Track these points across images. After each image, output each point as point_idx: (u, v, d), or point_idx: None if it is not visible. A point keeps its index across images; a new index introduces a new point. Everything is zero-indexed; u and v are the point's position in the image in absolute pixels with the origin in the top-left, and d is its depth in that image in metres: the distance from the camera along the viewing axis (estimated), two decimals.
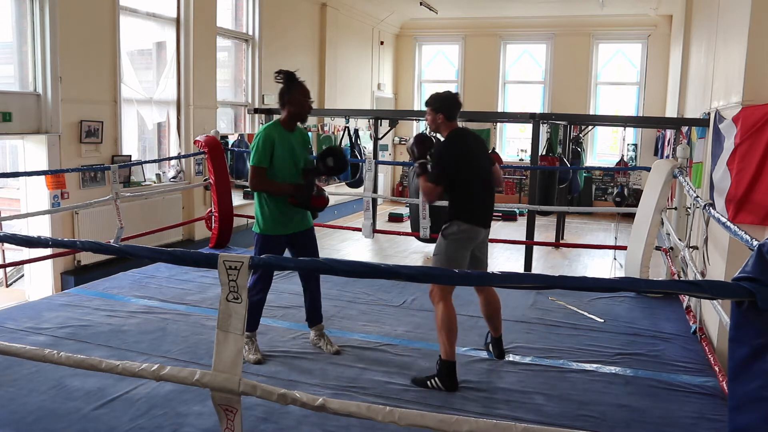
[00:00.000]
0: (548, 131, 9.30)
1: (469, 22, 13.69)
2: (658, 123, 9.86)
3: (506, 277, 1.97)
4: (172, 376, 2.22)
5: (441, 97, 3.72)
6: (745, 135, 3.86)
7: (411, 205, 7.74)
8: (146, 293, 5.07)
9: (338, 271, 2.07)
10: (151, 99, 7.43)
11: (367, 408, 2.01)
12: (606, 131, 13.54)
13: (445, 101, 3.69)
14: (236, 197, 7.97)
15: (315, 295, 4.02)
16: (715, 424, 3.06)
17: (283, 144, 3.77)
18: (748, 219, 3.83)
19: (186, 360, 3.69)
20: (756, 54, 3.85)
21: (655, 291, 1.96)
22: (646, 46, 12.88)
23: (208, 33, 8.03)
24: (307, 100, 3.85)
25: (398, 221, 11.04)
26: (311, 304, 4.02)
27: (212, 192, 6.73)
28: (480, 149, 3.76)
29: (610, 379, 3.61)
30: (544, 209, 8.13)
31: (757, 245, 1.81)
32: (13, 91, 5.87)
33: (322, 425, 2.96)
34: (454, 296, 5.08)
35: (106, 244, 2.59)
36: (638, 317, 4.73)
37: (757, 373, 1.78)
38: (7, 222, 6.32)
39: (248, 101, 9.53)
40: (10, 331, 4.11)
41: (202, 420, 2.99)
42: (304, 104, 3.82)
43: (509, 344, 4.11)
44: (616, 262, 7.38)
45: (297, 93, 3.81)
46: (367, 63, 12.95)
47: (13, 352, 2.55)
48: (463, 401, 3.29)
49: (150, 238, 6.71)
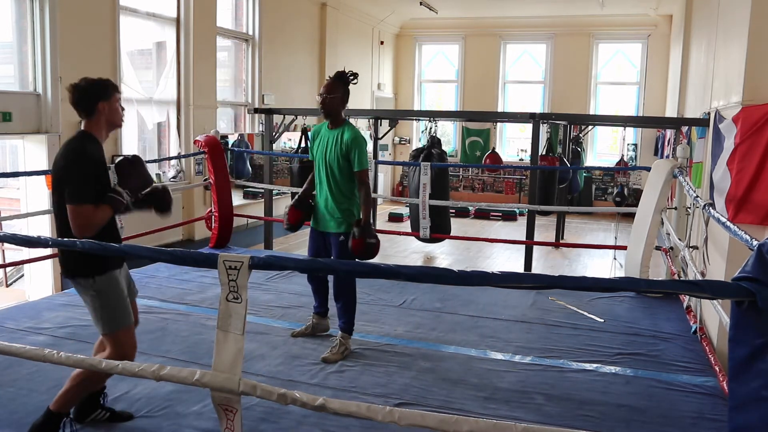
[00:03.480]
0: (548, 131, 9.29)
1: (469, 22, 13.69)
2: (658, 123, 9.86)
3: (506, 277, 1.97)
4: (172, 376, 2.22)
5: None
6: (745, 135, 3.86)
7: (411, 205, 7.73)
8: (146, 293, 5.07)
9: (338, 271, 2.07)
10: (151, 99, 7.43)
11: (367, 408, 2.01)
12: (606, 131, 13.55)
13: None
14: (236, 197, 7.98)
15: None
16: (715, 424, 3.06)
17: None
18: (748, 219, 3.83)
19: (186, 360, 3.69)
20: (756, 54, 3.85)
21: (655, 291, 1.96)
22: (646, 46, 12.88)
23: (208, 33, 8.04)
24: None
25: (398, 221, 11.05)
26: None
27: (212, 192, 6.73)
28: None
29: (610, 379, 3.61)
30: (544, 209, 8.12)
31: (757, 245, 1.81)
32: (13, 91, 5.87)
33: (322, 425, 2.96)
34: (454, 296, 5.11)
35: (106, 244, 2.58)
36: (638, 317, 4.73)
37: (757, 372, 1.78)
38: (7, 222, 6.32)
39: (248, 101, 9.53)
40: (10, 331, 4.10)
41: (202, 420, 2.99)
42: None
43: (509, 344, 4.11)
44: (616, 262, 7.38)
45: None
46: (367, 63, 12.94)
47: (13, 352, 2.55)
48: (463, 401, 3.28)
49: (150, 238, 6.70)
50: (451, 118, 12.32)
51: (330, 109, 3.79)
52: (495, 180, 13.89)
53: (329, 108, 3.78)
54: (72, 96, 2.75)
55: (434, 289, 5.22)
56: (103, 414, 3.00)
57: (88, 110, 2.75)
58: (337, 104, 3.78)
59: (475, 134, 13.77)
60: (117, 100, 2.83)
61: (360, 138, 3.76)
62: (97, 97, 2.75)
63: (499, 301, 5.03)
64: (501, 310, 4.84)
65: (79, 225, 2.63)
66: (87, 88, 2.75)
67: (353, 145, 3.73)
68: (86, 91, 2.74)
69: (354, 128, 3.82)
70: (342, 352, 3.82)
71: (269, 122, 7.82)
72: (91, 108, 2.75)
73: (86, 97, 2.74)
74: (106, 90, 2.77)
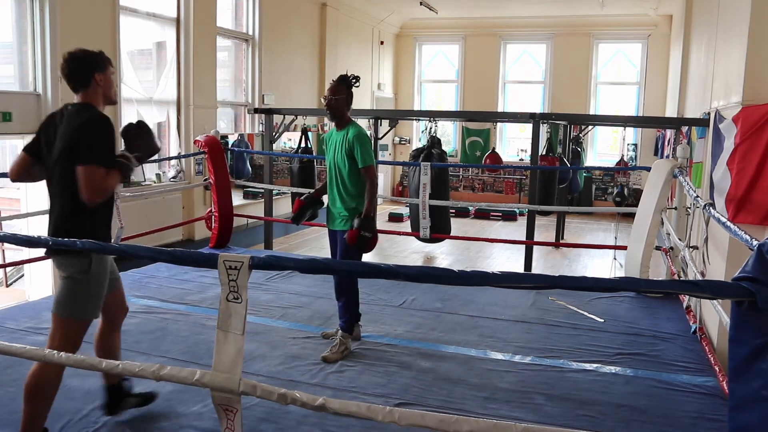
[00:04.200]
0: (548, 131, 9.29)
1: (469, 22, 13.69)
2: (658, 123, 9.86)
3: (506, 277, 1.97)
4: (172, 376, 2.22)
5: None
6: (745, 135, 3.86)
7: (411, 205, 7.73)
8: (146, 293, 5.07)
9: (338, 271, 2.07)
10: (151, 99, 7.43)
11: (367, 408, 2.01)
12: (606, 131, 13.54)
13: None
14: (236, 197, 7.97)
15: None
16: (715, 424, 3.06)
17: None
18: (748, 219, 3.83)
19: (186, 360, 3.69)
20: (756, 54, 3.86)
21: (655, 291, 1.96)
22: (646, 46, 12.88)
23: (208, 33, 8.03)
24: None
25: (398, 221, 11.04)
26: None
27: (212, 192, 6.73)
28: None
29: (610, 379, 3.61)
30: (544, 209, 8.12)
31: (757, 245, 1.81)
32: (13, 91, 5.87)
33: (322, 425, 2.96)
34: (454, 296, 5.11)
35: (106, 244, 2.59)
36: (638, 317, 4.73)
37: (757, 372, 1.78)
38: (7, 222, 6.32)
39: (248, 101, 9.53)
40: (10, 331, 4.11)
41: (202, 420, 2.99)
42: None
43: (509, 344, 4.12)
44: (616, 262, 7.38)
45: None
46: (367, 63, 12.94)
47: (13, 352, 2.55)
48: (463, 401, 3.28)
49: (150, 238, 6.70)
50: (451, 118, 12.32)
51: (335, 111, 3.90)
52: (495, 180, 13.89)
53: (334, 110, 3.90)
54: (67, 64, 2.66)
55: (434, 289, 5.23)
56: (132, 401, 3.04)
57: (84, 81, 2.67)
58: (342, 105, 3.90)
59: (475, 134, 13.77)
60: (112, 73, 2.76)
61: (363, 134, 3.87)
62: (92, 67, 2.68)
63: (499, 301, 5.04)
64: (501, 310, 4.85)
65: (91, 188, 2.53)
66: (83, 57, 2.67)
67: (356, 142, 3.82)
68: (83, 60, 2.67)
69: (357, 126, 3.93)
70: (342, 352, 3.83)
71: (269, 122, 7.82)
72: (87, 79, 2.67)
73: (82, 66, 2.66)
74: (101, 61, 2.70)
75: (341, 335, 3.91)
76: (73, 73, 2.68)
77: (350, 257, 3.84)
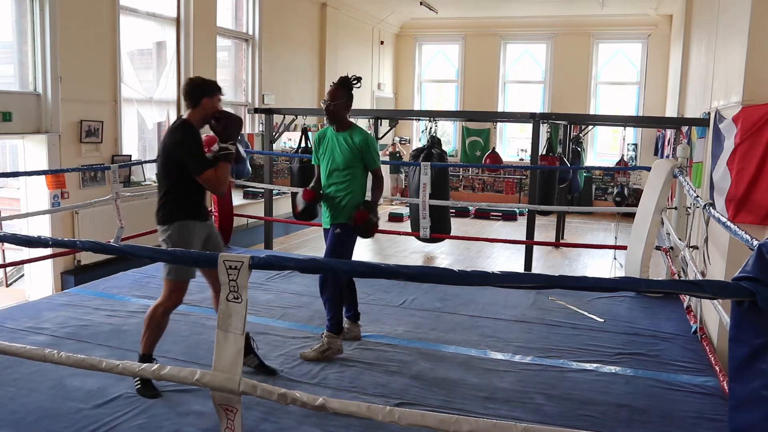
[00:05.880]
0: (548, 131, 9.29)
1: (469, 21, 13.69)
2: (658, 123, 9.85)
3: (506, 276, 1.97)
4: (172, 376, 2.22)
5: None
6: (745, 135, 3.86)
7: (411, 205, 7.73)
8: (146, 293, 5.07)
9: (338, 271, 2.07)
10: (151, 99, 7.43)
11: (367, 408, 2.01)
12: (606, 131, 13.54)
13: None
14: (236, 197, 7.98)
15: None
16: (715, 424, 3.06)
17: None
18: (748, 219, 3.83)
19: (186, 360, 3.69)
20: (756, 54, 3.85)
21: (655, 291, 1.96)
22: (646, 45, 12.88)
23: (208, 33, 8.03)
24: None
25: (398, 221, 11.04)
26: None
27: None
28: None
29: (610, 379, 3.61)
30: (544, 209, 8.12)
31: (757, 245, 1.81)
32: (13, 91, 5.87)
33: (322, 425, 2.96)
34: (454, 296, 5.11)
35: (106, 244, 2.59)
36: (638, 317, 4.73)
37: (757, 372, 1.78)
38: (7, 222, 6.32)
39: (248, 101, 9.53)
40: (10, 330, 4.11)
41: (202, 420, 2.98)
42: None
43: (509, 344, 4.11)
44: (616, 262, 7.38)
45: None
46: (367, 63, 12.94)
47: (14, 352, 2.55)
48: (463, 401, 3.28)
49: (150, 238, 6.69)
50: (451, 118, 12.31)
51: (334, 116, 3.89)
52: (495, 180, 13.88)
53: (333, 114, 3.89)
54: (186, 87, 3.31)
55: (434, 289, 5.23)
56: (252, 360, 3.45)
57: (194, 102, 3.28)
58: (341, 110, 3.89)
59: (475, 134, 13.77)
60: (218, 100, 3.34)
61: (371, 139, 3.94)
62: (203, 92, 3.28)
63: (499, 301, 5.04)
64: (501, 310, 4.85)
65: (212, 188, 3.26)
66: (199, 84, 3.32)
67: (366, 146, 3.87)
68: (198, 86, 3.30)
69: (363, 131, 3.95)
70: (322, 352, 3.77)
71: (269, 122, 7.81)
72: (197, 100, 3.27)
73: (196, 90, 3.28)
74: (212, 89, 3.32)
75: (326, 335, 3.85)
76: (188, 94, 3.31)
77: (341, 249, 3.85)
